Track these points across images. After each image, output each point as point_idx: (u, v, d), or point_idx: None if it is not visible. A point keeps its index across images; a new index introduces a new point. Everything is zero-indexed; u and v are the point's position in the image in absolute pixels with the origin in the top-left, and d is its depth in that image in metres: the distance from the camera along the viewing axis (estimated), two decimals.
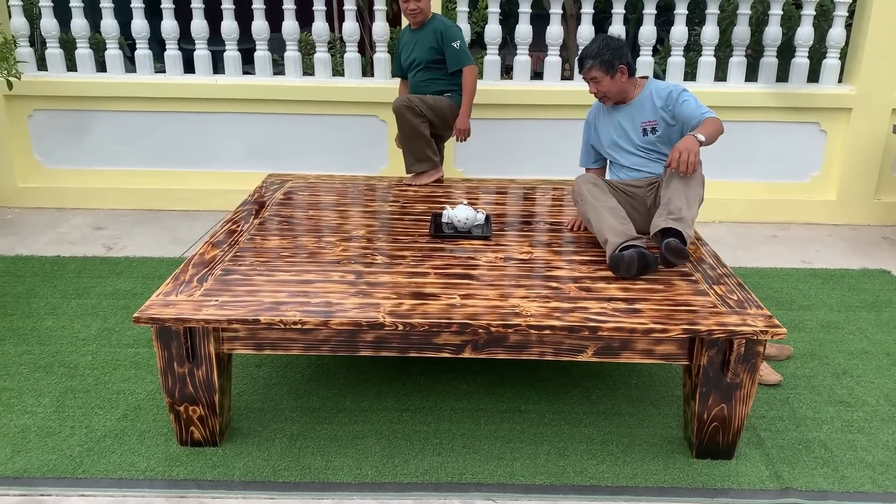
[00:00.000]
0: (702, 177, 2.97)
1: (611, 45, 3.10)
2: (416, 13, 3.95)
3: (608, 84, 3.12)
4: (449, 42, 3.93)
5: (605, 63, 3.08)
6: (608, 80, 3.11)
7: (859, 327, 3.58)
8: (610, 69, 3.09)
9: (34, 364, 3.12)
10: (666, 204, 2.87)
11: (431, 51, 4.03)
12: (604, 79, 3.12)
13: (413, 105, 3.97)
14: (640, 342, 2.44)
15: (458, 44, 3.96)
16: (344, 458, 2.55)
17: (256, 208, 3.52)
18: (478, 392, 2.95)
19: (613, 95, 3.17)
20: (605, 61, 3.08)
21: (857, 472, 2.53)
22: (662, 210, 2.87)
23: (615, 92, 3.15)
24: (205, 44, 5.16)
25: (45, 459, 2.52)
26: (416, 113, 3.96)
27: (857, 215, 5.21)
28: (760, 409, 2.86)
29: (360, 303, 2.50)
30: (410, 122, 3.97)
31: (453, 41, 3.92)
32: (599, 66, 3.10)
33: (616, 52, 3.09)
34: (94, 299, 3.74)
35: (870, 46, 4.87)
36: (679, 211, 2.82)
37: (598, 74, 3.11)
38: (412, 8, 3.92)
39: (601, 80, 3.12)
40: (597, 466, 2.53)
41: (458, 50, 3.95)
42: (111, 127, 5.20)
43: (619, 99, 3.19)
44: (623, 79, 3.12)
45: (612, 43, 3.12)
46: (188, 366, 2.45)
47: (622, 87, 3.14)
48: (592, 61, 3.11)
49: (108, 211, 5.22)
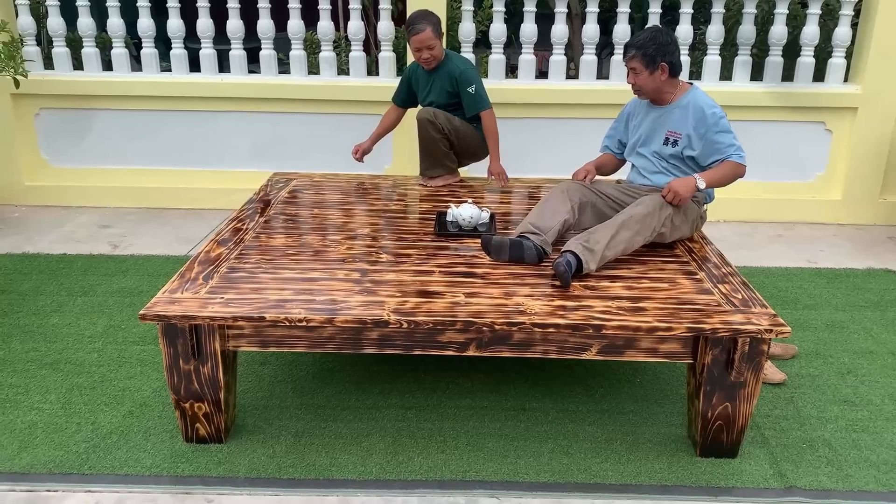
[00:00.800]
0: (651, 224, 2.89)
1: (658, 40, 3.01)
2: (430, 61, 3.82)
3: (646, 78, 3.05)
4: (465, 87, 3.80)
5: (646, 56, 3.00)
6: (647, 74, 3.04)
7: (864, 327, 3.58)
8: (651, 64, 3.01)
9: (41, 361, 3.14)
10: (592, 231, 2.83)
11: (448, 94, 3.91)
12: (643, 72, 3.04)
13: (437, 122, 3.88)
14: (645, 340, 2.44)
15: (474, 88, 3.82)
16: (348, 456, 2.55)
17: (262, 207, 3.53)
18: (482, 390, 2.96)
19: (649, 92, 3.10)
20: (647, 54, 3.00)
21: (861, 472, 2.53)
22: (584, 234, 2.82)
23: (652, 88, 3.08)
24: (210, 43, 5.18)
25: (51, 455, 2.53)
26: (437, 129, 3.89)
27: (862, 215, 5.19)
28: (765, 408, 2.86)
29: (364, 300, 2.51)
30: (431, 135, 3.91)
31: (468, 86, 3.80)
32: (641, 58, 3.02)
33: (662, 47, 3.00)
34: (101, 297, 3.76)
35: (876, 46, 4.85)
36: (596, 244, 2.76)
37: (638, 66, 3.04)
38: (425, 57, 3.78)
39: (640, 73, 3.05)
40: (601, 464, 2.54)
41: (473, 95, 3.83)
42: (117, 126, 5.22)
43: (655, 97, 3.13)
44: (663, 77, 3.04)
45: (660, 38, 3.02)
46: (194, 363, 2.46)
47: (660, 86, 3.07)
48: (635, 51, 3.03)
49: (114, 209, 5.24)
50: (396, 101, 4.22)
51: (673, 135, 3.09)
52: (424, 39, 3.72)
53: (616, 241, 2.80)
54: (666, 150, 3.13)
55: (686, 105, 3.07)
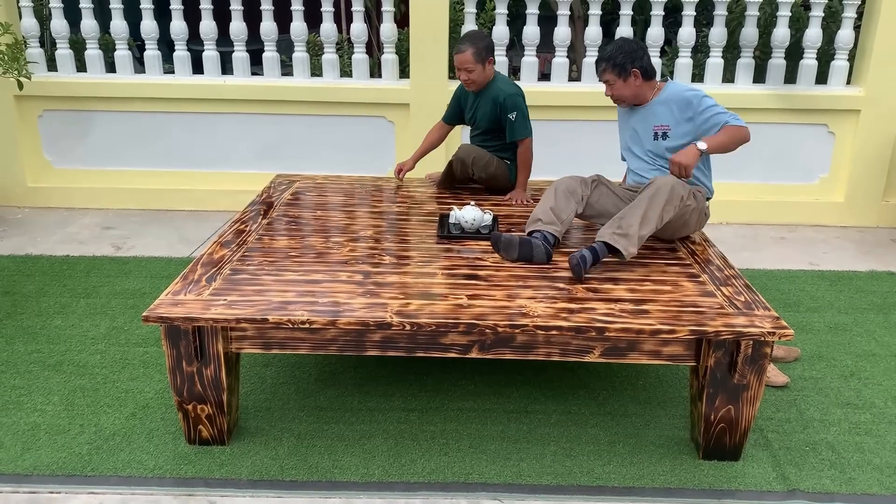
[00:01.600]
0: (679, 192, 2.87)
1: (625, 49, 3.09)
2: (469, 84, 3.75)
3: (621, 87, 3.12)
4: (506, 113, 3.71)
5: (617, 66, 3.08)
6: (621, 83, 3.11)
7: (867, 329, 3.57)
8: (623, 72, 3.08)
9: (44, 363, 3.15)
10: (621, 217, 2.84)
11: (490, 119, 3.80)
12: (616, 82, 3.11)
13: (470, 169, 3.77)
14: (648, 343, 2.44)
15: (515, 115, 3.72)
16: (351, 458, 2.56)
17: (264, 208, 3.53)
18: (484, 392, 2.96)
19: (628, 99, 3.16)
20: (617, 64, 3.08)
21: (864, 475, 2.52)
22: (614, 222, 2.84)
23: (629, 95, 3.14)
24: (213, 45, 5.18)
25: (54, 457, 2.53)
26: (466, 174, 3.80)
27: (865, 217, 5.19)
28: (767, 411, 2.86)
29: (367, 303, 2.51)
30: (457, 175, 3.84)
31: (510, 112, 3.71)
32: (612, 69, 3.09)
33: (630, 55, 3.07)
34: (103, 298, 3.76)
35: (878, 48, 4.85)
36: (629, 227, 2.78)
37: (611, 77, 3.11)
38: (464, 79, 3.72)
39: (614, 83, 3.12)
40: (603, 467, 2.53)
41: (514, 122, 3.73)
42: (120, 127, 5.23)
43: (635, 102, 3.18)
44: (637, 82, 3.10)
45: (626, 46, 3.10)
46: (197, 365, 2.47)
47: (636, 91, 3.13)
48: (606, 64, 3.11)
49: (117, 211, 5.25)
50: (445, 118, 4.09)
51: (661, 128, 3.13)
52: (462, 61, 3.64)
53: (648, 217, 2.81)
54: (659, 144, 3.14)
55: (667, 99, 3.11)
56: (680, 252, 3.05)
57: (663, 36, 5.05)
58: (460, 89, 3.95)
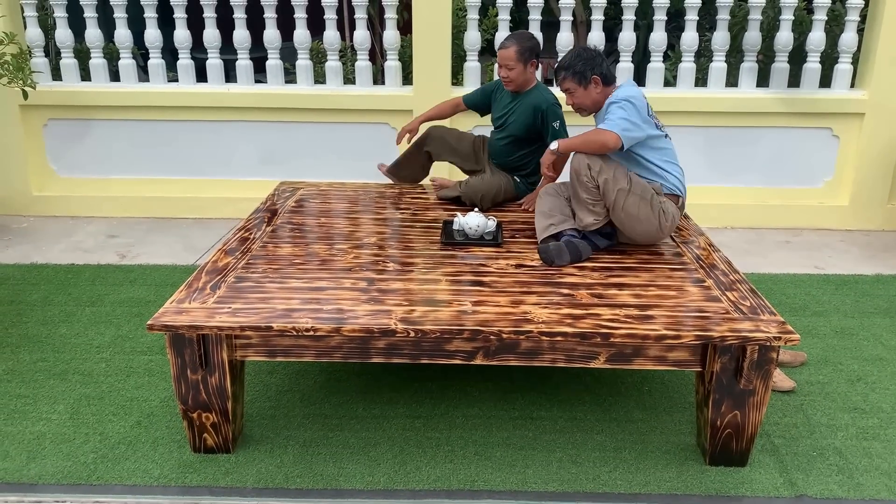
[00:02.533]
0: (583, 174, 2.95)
1: (583, 56, 3.08)
2: (507, 82, 3.67)
3: (582, 95, 3.11)
4: (552, 121, 3.63)
5: (577, 74, 3.07)
6: (581, 90, 3.10)
7: (874, 333, 3.56)
8: (582, 80, 3.07)
9: (49, 371, 3.15)
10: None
11: (526, 127, 3.68)
12: (577, 90, 3.10)
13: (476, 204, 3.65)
14: (653, 349, 2.43)
15: (559, 124, 3.64)
16: (356, 466, 2.55)
17: (269, 216, 3.54)
18: (490, 399, 2.95)
19: (588, 107, 3.15)
20: (577, 72, 3.07)
21: (872, 480, 2.51)
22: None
23: (590, 103, 3.13)
24: (217, 53, 5.20)
25: (59, 466, 2.54)
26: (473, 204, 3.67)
27: (870, 221, 5.17)
28: (774, 416, 2.85)
29: (371, 310, 2.51)
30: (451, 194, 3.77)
31: (555, 121, 3.62)
32: (572, 77, 3.08)
33: (589, 62, 3.06)
34: (108, 307, 3.77)
35: (882, 51, 4.84)
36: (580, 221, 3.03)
37: (571, 86, 3.10)
38: (503, 75, 3.67)
39: (574, 91, 3.11)
40: (609, 473, 2.52)
41: (558, 131, 3.62)
42: (124, 136, 5.25)
43: (594, 110, 3.17)
44: (597, 90, 3.09)
45: (584, 54, 3.09)
46: (201, 373, 2.47)
47: (596, 98, 3.11)
48: (565, 72, 3.10)
49: (122, 219, 5.26)
50: (466, 99, 4.01)
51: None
52: (505, 57, 3.58)
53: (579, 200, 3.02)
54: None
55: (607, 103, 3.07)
56: (685, 257, 3.04)
57: (666, 41, 5.05)
58: (495, 85, 3.88)
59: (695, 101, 5.04)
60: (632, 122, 2.95)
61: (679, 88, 5.12)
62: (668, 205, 3.05)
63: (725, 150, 5.13)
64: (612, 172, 2.94)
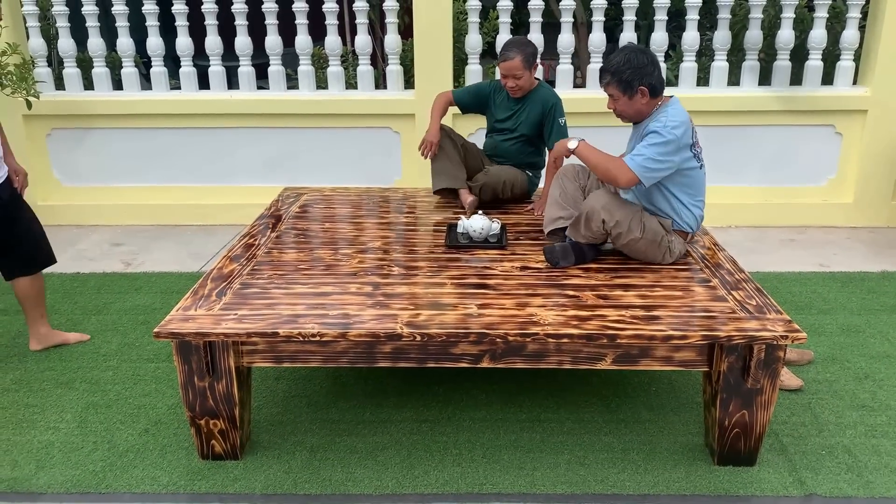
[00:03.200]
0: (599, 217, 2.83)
1: (633, 63, 2.79)
2: (516, 90, 3.63)
3: (625, 104, 2.88)
4: (558, 117, 3.65)
5: (623, 82, 2.82)
6: (625, 99, 2.86)
7: (880, 331, 3.55)
8: (628, 89, 2.82)
9: (56, 380, 3.16)
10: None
11: (536, 125, 3.71)
12: (621, 98, 2.86)
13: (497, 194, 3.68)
14: (659, 349, 2.43)
15: (564, 121, 3.66)
16: (364, 470, 2.55)
17: (273, 222, 3.54)
18: (496, 402, 2.95)
19: (629, 116, 2.94)
20: (623, 80, 2.81)
21: (882, 478, 2.50)
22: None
23: (632, 113, 2.91)
24: (219, 60, 5.21)
25: (68, 475, 2.54)
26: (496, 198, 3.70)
27: (875, 218, 5.16)
28: (782, 415, 2.84)
29: (377, 314, 2.51)
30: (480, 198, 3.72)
31: (561, 116, 3.66)
32: (617, 84, 2.83)
33: (638, 70, 2.79)
34: (114, 315, 3.78)
35: (884, 48, 4.83)
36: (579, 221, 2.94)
37: (615, 92, 2.86)
38: (511, 86, 3.61)
39: (618, 99, 2.88)
40: (618, 475, 2.52)
41: (563, 127, 3.67)
42: (128, 144, 5.26)
43: (636, 120, 2.96)
44: (643, 101, 2.84)
45: (635, 60, 2.80)
46: (208, 379, 2.47)
47: (640, 109, 2.87)
48: (610, 77, 2.84)
49: (126, 227, 5.27)
50: (456, 97, 3.89)
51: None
52: (511, 68, 3.55)
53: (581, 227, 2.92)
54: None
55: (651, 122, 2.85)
56: (690, 257, 3.04)
57: (667, 40, 5.05)
58: (491, 88, 3.84)
59: (697, 101, 5.02)
60: (661, 162, 2.77)
61: (681, 88, 5.12)
62: (676, 242, 2.94)
63: (728, 150, 5.12)
64: (627, 224, 2.82)
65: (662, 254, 2.92)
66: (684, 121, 2.82)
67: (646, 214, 2.91)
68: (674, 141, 2.76)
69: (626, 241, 2.86)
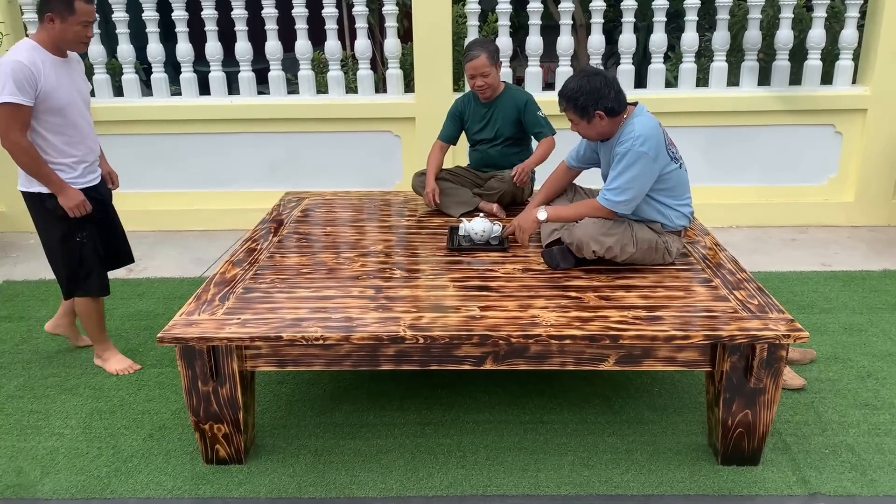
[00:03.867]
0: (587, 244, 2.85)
1: (585, 89, 2.79)
2: (485, 89, 3.64)
3: (585, 128, 2.90)
4: (534, 111, 3.68)
5: (579, 108, 2.83)
6: (584, 123, 2.87)
7: (882, 329, 3.55)
8: (585, 114, 2.83)
9: (60, 386, 3.16)
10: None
11: (514, 124, 3.74)
12: (580, 122, 2.88)
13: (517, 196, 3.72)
14: (662, 349, 2.43)
15: (542, 113, 3.70)
16: (368, 473, 2.55)
17: (275, 226, 3.55)
18: (500, 404, 2.95)
19: (593, 137, 2.95)
20: (578, 106, 2.82)
21: (886, 476, 2.50)
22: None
23: (594, 135, 2.92)
24: (219, 65, 5.23)
25: (73, 481, 2.54)
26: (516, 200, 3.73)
27: (876, 216, 5.17)
28: (785, 414, 2.84)
29: (380, 317, 2.51)
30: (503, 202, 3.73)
31: (538, 110, 3.69)
32: (573, 110, 2.85)
33: (592, 95, 2.78)
34: (117, 321, 3.78)
35: (883, 46, 4.84)
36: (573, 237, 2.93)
37: (574, 118, 2.88)
38: (479, 84, 3.61)
39: (578, 123, 2.90)
40: (622, 475, 2.52)
41: (542, 119, 3.70)
42: (129, 150, 5.27)
43: (602, 139, 2.97)
44: (602, 123, 2.84)
45: (587, 86, 2.79)
46: (212, 384, 2.48)
47: (602, 130, 2.88)
48: (567, 103, 2.86)
49: (128, 233, 5.24)
50: (444, 138, 3.91)
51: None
52: (478, 66, 3.56)
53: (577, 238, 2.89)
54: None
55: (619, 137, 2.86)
56: (691, 257, 3.04)
57: (666, 42, 5.06)
58: (461, 105, 3.86)
59: (696, 102, 5.05)
60: (638, 180, 2.79)
61: (680, 89, 5.13)
62: (672, 242, 2.95)
63: (729, 150, 5.13)
64: (620, 246, 2.83)
65: (661, 256, 2.93)
66: (651, 131, 2.80)
67: (635, 225, 2.92)
68: (644, 155, 2.77)
69: (624, 258, 2.88)
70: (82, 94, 3.11)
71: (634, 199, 2.85)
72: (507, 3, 5.03)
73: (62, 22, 2.91)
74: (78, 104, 3.05)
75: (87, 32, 2.98)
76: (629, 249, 2.86)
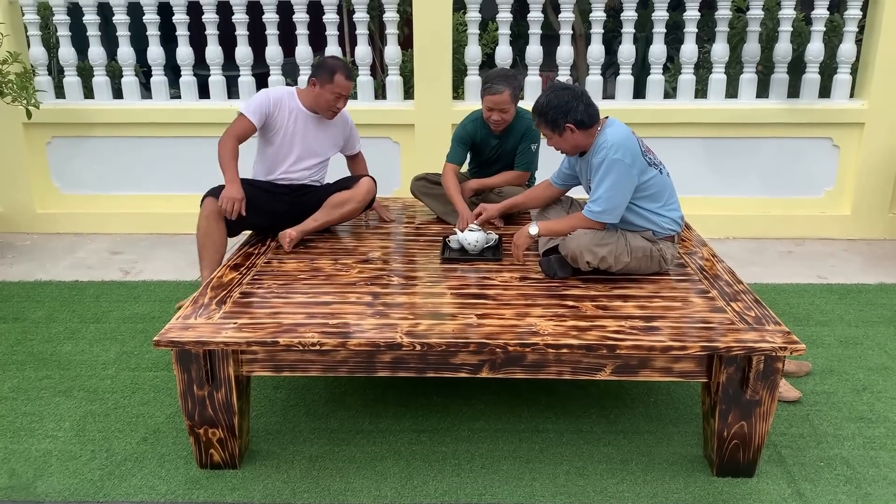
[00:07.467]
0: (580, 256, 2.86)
1: (553, 103, 2.84)
2: (499, 124, 3.60)
3: (557, 141, 2.94)
4: (530, 143, 3.67)
5: (549, 122, 2.88)
6: (557, 137, 2.91)
7: (878, 342, 3.56)
8: (556, 128, 2.88)
9: (54, 388, 3.15)
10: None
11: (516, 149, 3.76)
12: (553, 136, 2.92)
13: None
14: (659, 360, 2.44)
15: (536, 147, 3.71)
16: (363, 480, 2.55)
17: None
18: (496, 412, 2.95)
19: (568, 150, 2.98)
20: (549, 120, 2.87)
21: (880, 490, 2.50)
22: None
23: (569, 147, 2.95)
24: (219, 69, 5.23)
25: (66, 483, 2.53)
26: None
27: (872, 230, 5.18)
28: (780, 426, 2.84)
29: (377, 323, 2.51)
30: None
31: (534, 143, 3.67)
32: (545, 125, 2.90)
33: (560, 109, 2.83)
34: (113, 323, 3.77)
35: (881, 61, 4.87)
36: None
37: (546, 132, 2.93)
38: (496, 119, 3.57)
39: (551, 137, 2.94)
40: (617, 486, 2.52)
41: (533, 154, 3.71)
42: (128, 152, 5.27)
43: (577, 152, 3.00)
44: (574, 136, 2.88)
45: (555, 100, 2.84)
46: (207, 388, 2.47)
47: (575, 143, 2.92)
48: (539, 119, 2.92)
49: (125, 235, 5.27)
50: (455, 161, 3.79)
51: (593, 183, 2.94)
52: (500, 102, 3.50)
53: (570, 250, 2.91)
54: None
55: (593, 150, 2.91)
56: (688, 268, 3.05)
57: (665, 53, 5.08)
58: (472, 130, 3.76)
59: (695, 113, 5.06)
60: (619, 188, 2.82)
61: (679, 100, 5.15)
62: (666, 249, 2.96)
63: (726, 161, 5.15)
64: (614, 256, 2.86)
65: (658, 264, 2.94)
66: (622, 139, 2.84)
67: (628, 234, 2.93)
68: (619, 162, 2.80)
69: (620, 268, 2.89)
70: (310, 148, 3.62)
71: (618, 207, 2.88)
72: (508, 13, 5.04)
73: (321, 88, 3.44)
74: (296, 152, 3.61)
75: (338, 104, 3.48)
76: (624, 259, 2.87)
